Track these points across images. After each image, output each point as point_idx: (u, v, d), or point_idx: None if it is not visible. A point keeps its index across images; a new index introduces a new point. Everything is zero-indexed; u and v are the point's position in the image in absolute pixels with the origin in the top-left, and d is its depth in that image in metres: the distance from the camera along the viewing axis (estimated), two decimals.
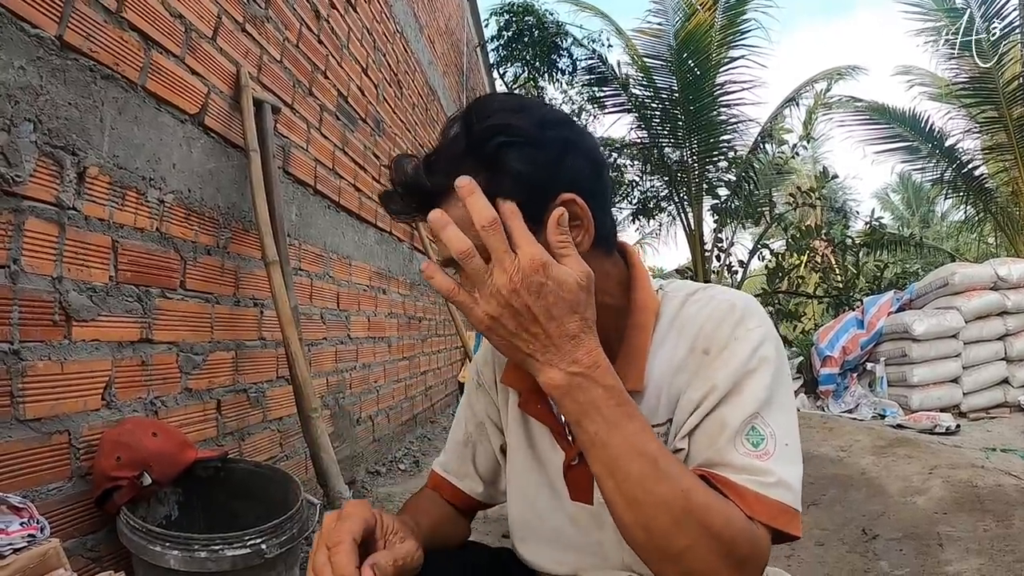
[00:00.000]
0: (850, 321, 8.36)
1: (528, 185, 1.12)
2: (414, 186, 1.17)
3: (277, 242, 3.29)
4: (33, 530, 1.58)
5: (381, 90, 5.89)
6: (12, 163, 1.97)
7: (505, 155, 1.12)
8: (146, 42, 2.57)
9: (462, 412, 1.64)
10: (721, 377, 1.14)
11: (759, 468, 1.07)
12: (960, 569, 3.17)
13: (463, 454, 1.60)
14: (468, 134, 1.15)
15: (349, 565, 1.00)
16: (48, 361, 2.12)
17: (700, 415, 1.14)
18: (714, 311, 1.23)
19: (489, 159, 1.12)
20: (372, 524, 1.11)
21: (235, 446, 3.23)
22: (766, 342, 1.18)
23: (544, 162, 1.14)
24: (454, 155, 1.15)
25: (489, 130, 1.14)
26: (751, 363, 1.15)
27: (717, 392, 1.14)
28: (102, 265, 2.37)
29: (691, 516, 0.98)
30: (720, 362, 1.16)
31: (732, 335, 1.18)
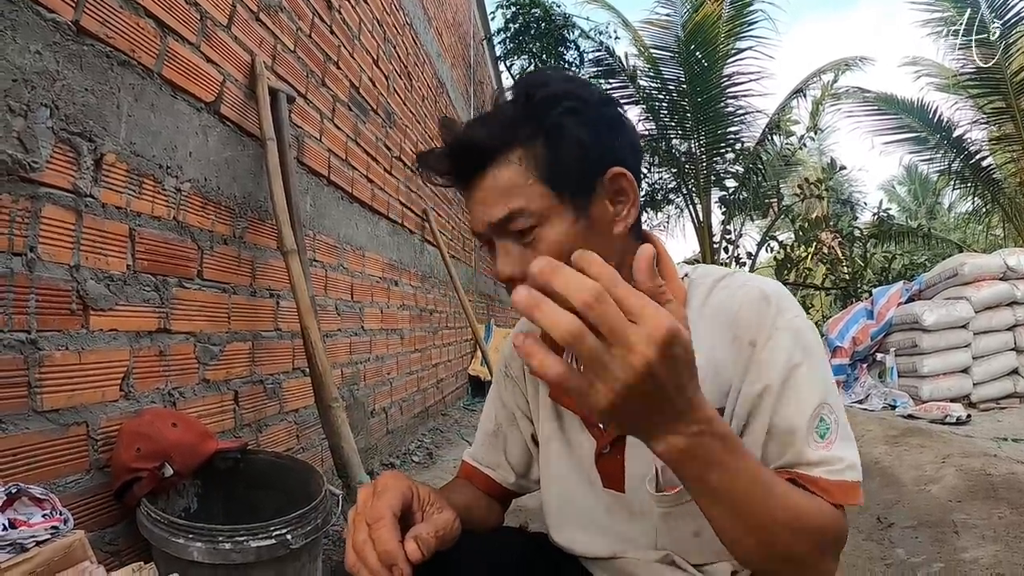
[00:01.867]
0: (860, 312, 8.33)
1: (585, 154, 1.15)
2: (468, 143, 1.17)
3: (294, 232, 3.26)
4: (56, 522, 1.56)
5: (392, 82, 5.87)
6: (29, 149, 1.95)
7: (567, 122, 1.15)
8: (162, 29, 2.54)
9: (491, 403, 1.64)
10: (775, 376, 1.15)
11: (831, 458, 1.12)
12: (976, 556, 3.16)
13: (494, 444, 1.59)
14: (528, 99, 1.17)
15: (392, 540, 1.00)
16: (66, 351, 2.10)
17: (764, 419, 1.15)
18: (749, 299, 1.23)
19: (551, 125, 1.14)
20: (409, 497, 1.11)
21: (252, 438, 3.21)
22: (806, 330, 1.20)
23: (600, 135, 1.17)
24: (513, 117, 1.17)
25: (553, 97, 1.16)
26: (796, 356, 1.16)
27: (773, 392, 1.15)
28: (119, 254, 2.34)
29: (802, 525, 1.02)
30: (767, 354, 1.17)
31: (774, 325, 1.18)
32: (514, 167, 1.15)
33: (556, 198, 1.15)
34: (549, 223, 1.16)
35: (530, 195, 1.14)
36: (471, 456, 1.63)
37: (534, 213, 1.15)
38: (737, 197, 14.95)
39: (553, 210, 1.15)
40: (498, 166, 1.16)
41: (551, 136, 1.15)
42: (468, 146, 1.17)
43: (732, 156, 14.89)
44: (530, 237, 1.16)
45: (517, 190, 1.14)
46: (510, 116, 1.18)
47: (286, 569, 2.21)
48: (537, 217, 1.15)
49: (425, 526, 1.07)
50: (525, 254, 1.17)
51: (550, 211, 1.15)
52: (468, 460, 1.63)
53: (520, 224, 1.15)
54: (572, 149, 1.15)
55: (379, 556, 0.99)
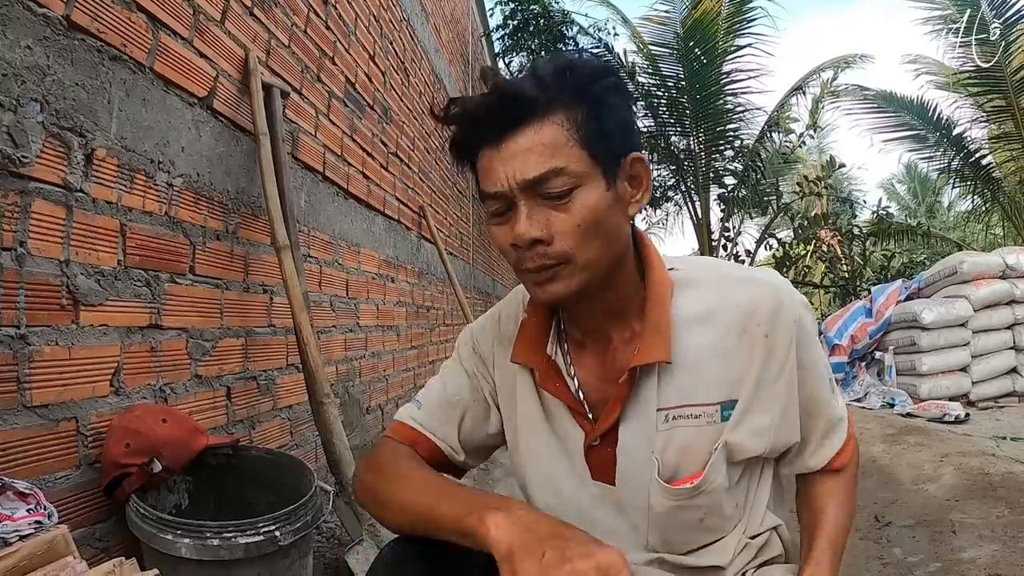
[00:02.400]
0: (858, 310, 8.32)
1: (621, 130, 1.21)
2: (517, 91, 1.17)
3: (287, 227, 3.25)
4: (40, 516, 1.55)
5: (388, 77, 5.85)
6: (19, 144, 1.94)
7: (610, 96, 1.20)
8: (154, 23, 2.53)
9: (452, 373, 1.56)
10: (795, 362, 1.29)
11: (843, 416, 1.42)
12: (974, 555, 3.15)
13: (449, 415, 1.50)
14: (572, 69, 1.19)
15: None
16: (55, 346, 2.09)
17: (794, 395, 1.31)
18: (760, 294, 1.29)
19: (596, 95, 1.18)
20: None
21: (245, 434, 3.20)
22: (810, 316, 1.33)
23: (631, 117, 1.24)
24: (558, 81, 1.18)
25: (599, 70, 1.21)
26: (809, 342, 1.32)
27: (795, 376, 1.30)
28: (110, 249, 2.33)
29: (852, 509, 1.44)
30: (785, 345, 1.28)
31: (786, 318, 1.27)
32: (556, 127, 1.15)
33: (592, 165, 1.17)
34: (585, 187, 1.16)
35: (571, 157, 1.15)
36: (418, 421, 1.49)
37: (574, 174, 1.15)
38: (736, 194, 14.95)
39: (590, 175, 1.17)
40: (540, 123, 1.16)
41: (594, 106, 1.17)
42: (516, 95, 1.16)
43: (731, 153, 14.88)
44: (565, 199, 1.16)
45: (559, 149, 1.15)
46: (554, 80, 1.18)
47: (275, 566, 2.20)
48: (576, 179, 1.15)
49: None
50: (554, 218, 1.17)
51: (586, 176, 1.16)
52: (413, 424, 1.49)
53: (558, 184, 1.15)
54: (612, 122, 1.18)
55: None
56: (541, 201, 1.17)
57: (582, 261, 1.17)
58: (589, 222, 1.15)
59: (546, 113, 1.15)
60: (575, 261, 1.17)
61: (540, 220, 1.16)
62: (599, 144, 1.17)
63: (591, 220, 1.15)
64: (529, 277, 1.23)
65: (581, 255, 1.17)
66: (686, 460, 1.28)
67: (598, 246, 1.18)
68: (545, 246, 1.17)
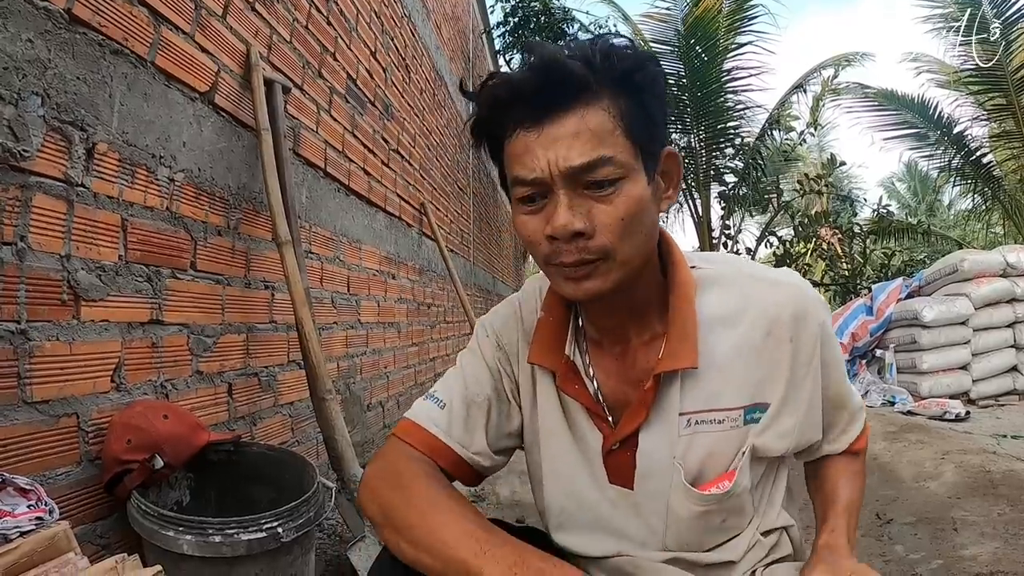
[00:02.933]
0: (859, 308, 8.31)
1: (661, 121, 1.18)
2: (568, 70, 1.09)
3: (289, 223, 3.24)
4: (41, 512, 1.55)
5: (389, 74, 5.85)
6: (19, 137, 1.93)
7: (652, 87, 1.15)
8: (155, 18, 2.52)
9: (474, 367, 1.44)
10: (818, 363, 1.29)
11: (861, 420, 1.45)
12: (975, 553, 3.15)
13: (474, 420, 1.38)
14: (614, 56, 1.12)
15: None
16: (56, 342, 2.08)
17: (818, 392, 1.31)
18: (785, 297, 1.27)
19: (642, 85, 1.13)
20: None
21: (247, 431, 3.20)
22: (828, 318, 1.32)
23: (667, 112, 1.20)
24: (609, 67, 1.11)
25: (646, 57, 1.16)
26: (834, 350, 1.33)
27: (820, 376, 1.30)
28: (111, 244, 2.32)
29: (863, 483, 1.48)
30: (811, 349, 1.27)
31: (809, 322, 1.26)
32: (604, 113, 1.09)
33: (637, 157, 1.12)
34: (630, 180, 1.11)
35: (618, 146, 1.09)
36: (441, 428, 1.35)
37: (621, 165, 1.09)
38: (736, 192, 14.95)
39: (634, 167, 1.12)
40: (588, 107, 1.09)
41: (638, 95, 1.12)
42: (567, 73, 1.08)
43: (732, 151, 14.88)
44: (610, 190, 1.10)
45: (607, 137, 1.09)
46: (602, 64, 1.11)
47: (277, 562, 2.20)
48: (622, 170, 1.10)
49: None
50: (597, 210, 1.11)
51: (632, 168, 1.11)
52: (435, 431, 1.35)
53: (605, 173, 1.09)
54: (654, 113, 1.14)
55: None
56: (583, 191, 1.10)
57: (621, 257, 1.12)
58: (632, 216, 1.10)
59: (593, 97, 1.09)
60: (614, 257, 1.12)
61: (582, 211, 1.10)
62: (643, 135, 1.12)
63: (634, 214, 1.11)
64: (563, 272, 1.16)
65: (621, 251, 1.12)
66: (709, 464, 1.25)
67: (638, 242, 1.14)
68: (586, 240, 1.10)
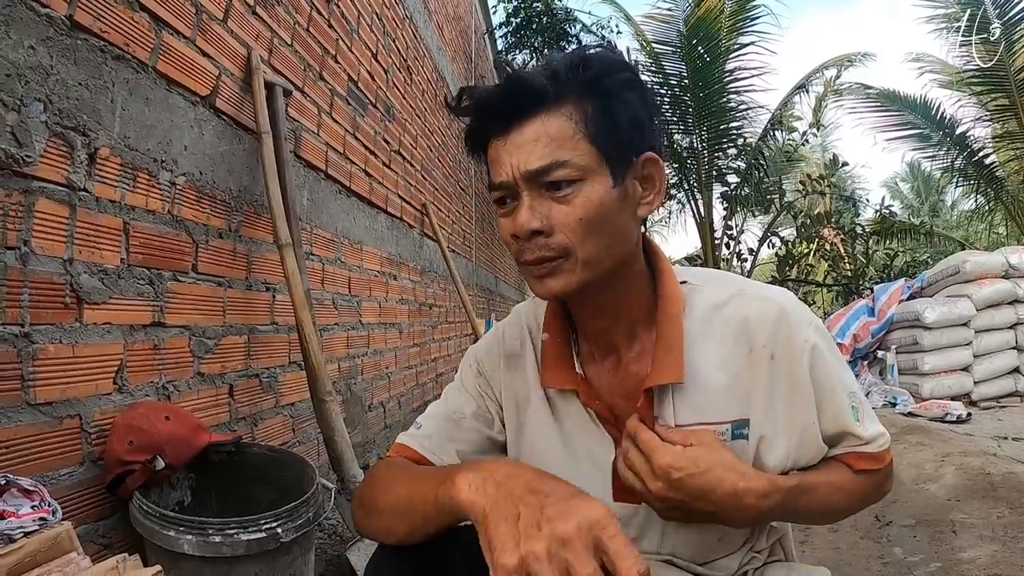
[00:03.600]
0: (861, 309, 8.31)
1: (632, 126, 1.18)
2: (527, 82, 1.16)
3: (290, 225, 3.26)
4: (45, 513, 1.57)
5: (391, 75, 5.86)
6: (22, 143, 1.95)
7: (623, 91, 1.18)
8: (156, 23, 2.54)
9: (453, 393, 1.51)
10: (807, 388, 1.25)
11: (868, 438, 1.28)
12: (974, 555, 3.15)
13: (450, 433, 1.43)
14: (586, 63, 1.18)
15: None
16: (59, 344, 2.10)
17: (812, 424, 1.26)
18: (767, 314, 1.26)
19: (607, 90, 1.17)
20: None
21: (248, 432, 3.22)
22: (821, 340, 1.27)
23: (647, 116, 1.21)
24: (570, 75, 1.17)
25: (617, 63, 1.20)
26: (828, 378, 1.26)
27: (811, 402, 1.25)
28: (113, 247, 2.35)
29: (856, 497, 1.33)
30: (793, 369, 1.24)
31: (793, 340, 1.24)
32: (564, 120, 1.15)
33: (599, 160, 1.16)
34: (589, 182, 1.15)
35: (577, 150, 1.14)
36: (418, 440, 1.42)
37: (578, 168, 1.14)
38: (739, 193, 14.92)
39: (595, 171, 1.16)
40: (548, 115, 1.15)
41: (605, 100, 1.17)
42: (526, 86, 1.15)
43: (734, 152, 14.84)
44: (567, 191, 1.15)
45: (565, 142, 1.14)
46: (566, 72, 1.17)
47: (277, 562, 2.21)
48: (580, 172, 1.14)
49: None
50: (555, 210, 1.16)
51: (591, 171, 1.15)
52: (413, 444, 1.42)
53: (561, 175, 1.14)
54: (622, 118, 1.17)
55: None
56: (544, 193, 1.16)
57: (582, 256, 1.16)
58: (591, 216, 1.14)
59: (555, 105, 1.15)
60: (575, 255, 1.16)
61: (541, 211, 1.16)
62: (607, 139, 1.15)
63: (592, 215, 1.14)
64: (529, 270, 1.22)
65: (581, 250, 1.16)
66: None
67: (600, 242, 1.17)
68: (545, 238, 1.16)
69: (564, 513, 0.89)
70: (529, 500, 0.93)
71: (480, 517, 0.96)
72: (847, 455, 1.30)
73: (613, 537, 0.86)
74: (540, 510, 0.91)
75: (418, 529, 1.16)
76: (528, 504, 0.93)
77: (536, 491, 0.95)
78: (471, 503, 0.99)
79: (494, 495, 0.97)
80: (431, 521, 1.12)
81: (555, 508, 0.90)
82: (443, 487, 1.06)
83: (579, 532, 0.86)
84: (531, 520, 0.90)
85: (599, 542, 0.86)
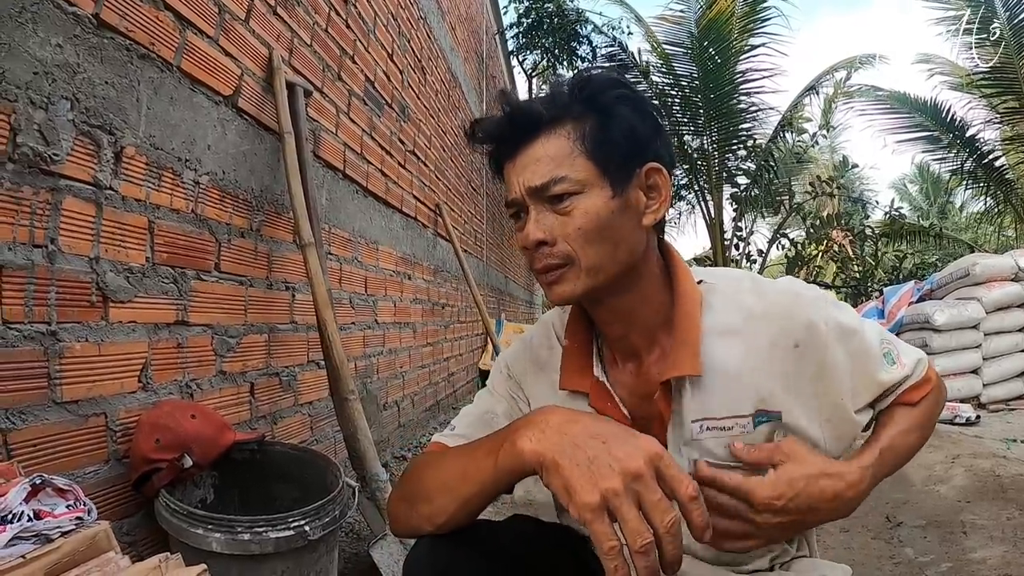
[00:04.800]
0: (870, 311, 8.28)
1: (633, 140, 1.24)
2: (526, 109, 1.27)
3: (312, 225, 3.27)
4: (80, 512, 1.56)
5: (406, 76, 5.87)
6: (50, 141, 1.96)
7: (618, 106, 1.25)
8: (181, 22, 2.55)
9: (484, 396, 1.58)
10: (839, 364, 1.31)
11: (909, 373, 1.39)
12: (984, 556, 3.15)
13: (477, 429, 1.45)
14: (584, 81, 1.27)
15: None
16: (85, 343, 2.11)
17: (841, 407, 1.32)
18: (778, 303, 1.31)
19: (603, 106, 1.25)
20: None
21: (267, 430, 3.23)
22: (839, 315, 1.34)
23: (646, 128, 1.27)
24: (568, 96, 1.26)
25: (610, 81, 1.27)
26: (851, 344, 1.33)
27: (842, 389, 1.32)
28: (139, 246, 2.36)
29: (927, 431, 1.43)
30: (818, 355, 1.29)
31: (815, 324, 1.29)
32: (563, 139, 1.24)
33: (598, 173, 1.23)
34: (587, 194, 1.22)
35: (574, 166, 1.22)
36: (455, 442, 1.46)
37: (575, 182, 1.22)
38: (749, 194, 14.95)
39: (592, 184, 1.23)
40: (548, 136, 1.24)
41: (601, 116, 1.24)
42: (526, 112, 1.26)
43: (744, 153, 14.86)
44: (567, 204, 1.22)
45: (563, 159, 1.23)
46: (565, 96, 1.27)
47: (302, 560, 2.22)
48: (577, 186, 1.22)
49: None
50: (557, 222, 1.24)
51: (589, 184, 1.23)
52: (446, 441, 1.47)
53: (560, 189, 1.22)
54: (619, 132, 1.24)
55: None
56: (548, 207, 1.25)
57: (585, 264, 1.24)
58: (590, 226, 1.22)
59: (553, 126, 1.25)
60: (577, 263, 1.24)
61: (545, 224, 1.24)
62: (603, 153, 1.23)
63: (592, 225, 1.22)
64: (540, 278, 1.30)
65: (584, 258, 1.23)
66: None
67: (602, 250, 1.24)
68: (549, 247, 1.24)
69: (630, 452, 0.99)
70: (594, 444, 1.02)
71: (551, 465, 1.03)
72: (901, 395, 1.39)
73: (669, 466, 1.00)
74: (608, 452, 1.00)
75: (469, 502, 1.21)
76: (594, 448, 1.01)
77: (597, 435, 1.04)
78: (537, 453, 1.05)
79: (558, 443, 1.04)
80: (487, 489, 1.18)
81: (621, 449, 1.00)
82: (502, 448, 1.12)
83: (647, 466, 0.98)
84: (602, 462, 0.99)
85: (659, 471, 0.99)
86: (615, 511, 0.95)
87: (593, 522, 0.95)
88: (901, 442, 1.35)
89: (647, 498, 0.96)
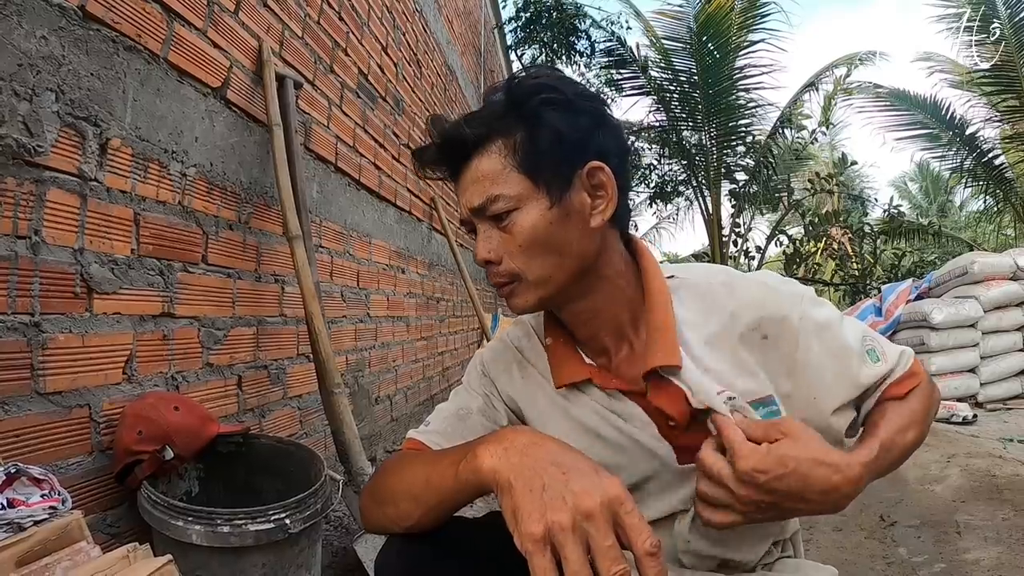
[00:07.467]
0: (868, 308, 8.27)
1: (564, 144, 1.21)
2: (453, 136, 1.26)
3: (300, 217, 3.26)
4: (55, 502, 1.56)
5: (400, 69, 5.86)
6: (34, 133, 1.95)
7: (545, 112, 1.22)
8: (168, 14, 2.54)
9: (460, 393, 1.55)
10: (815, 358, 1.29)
11: (892, 366, 1.35)
12: (979, 557, 3.14)
13: (457, 428, 1.44)
14: (510, 92, 1.25)
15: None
16: (69, 334, 2.11)
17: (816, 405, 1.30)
18: (750, 294, 1.30)
19: (530, 115, 1.22)
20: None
21: (256, 423, 3.22)
22: (814, 307, 1.32)
23: (579, 127, 1.23)
24: (496, 110, 1.25)
25: (533, 88, 1.24)
26: (825, 342, 1.30)
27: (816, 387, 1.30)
28: (124, 238, 2.35)
29: (924, 424, 1.34)
30: (793, 348, 1.28)
31: (787, 317, 1.28)
32: (494, 156, 1.23)
33: (532, 186, 1.22)
34: (523, 209, 1.22)
35: (507, 182, 1.21)
36: (428, 439, 1.42)
37: (510, 198, 1.21)
38: (747, 190, 14.94)
39: (528, 197, 1.22)
40: (480, 156, 1.24)
41: (529, 126, 1.22)
42: (452, 139, 1.26)
43: (743, 149, 14.87)
44: (506, 222, 1.23)
45: (496, 176, 1.22)
46: (492, 110, 1.26)
47: (284, 553, 2.22)
48: (513, 202, 1.21)
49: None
50: (502, 239, 1.24)
51: (525, 197, 1.22)
52: (420, 438, 1.43)
53: (497, 208, 1.22)
54: (547, 138, 1.21)
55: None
56: (492, 224, 1.26)
57: (532, 278, 1.25)
58: (530, 241, 1.22)
59: (485, 144, 1.24)
60: (525, 278, 1.25)
61: (492, 242, 1.26)
62: (536, 164, 1.21)
63: (531, 239, 1.22)
64: (499, 292, 1.32)
65: (530, 272, 1.24)
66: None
67: (547, 262, 1.24)
68: (496, 266, 1.26)
69: (588, 489, 0.94)
70: (552, 472, 0.97)
71: (505, 485, 0.99)
72: (888, 390, 1.34)
73: (629, 513, 0.92)
74: (565, 484, 0.95)
75: (433, 509, 1.19)
76: (552, 476, 0.97)
77: (558, 464, 0.99)
78: (495, 472, 1.02)
79: (518, 464, 1.00)
80: (448, 499, 1.16)
81: (579, 483, 0.95)
82: (464, 461, 1.09)
83: (601, 507, 0.92)
84: (556, 493, 0.94)
85: (617, 516, 0.92)
86: (559, 548, 0.90)
87: (533, 554, 0.91)
88: (899, 441, 1.27)
89: (596, 542, 0.90)
